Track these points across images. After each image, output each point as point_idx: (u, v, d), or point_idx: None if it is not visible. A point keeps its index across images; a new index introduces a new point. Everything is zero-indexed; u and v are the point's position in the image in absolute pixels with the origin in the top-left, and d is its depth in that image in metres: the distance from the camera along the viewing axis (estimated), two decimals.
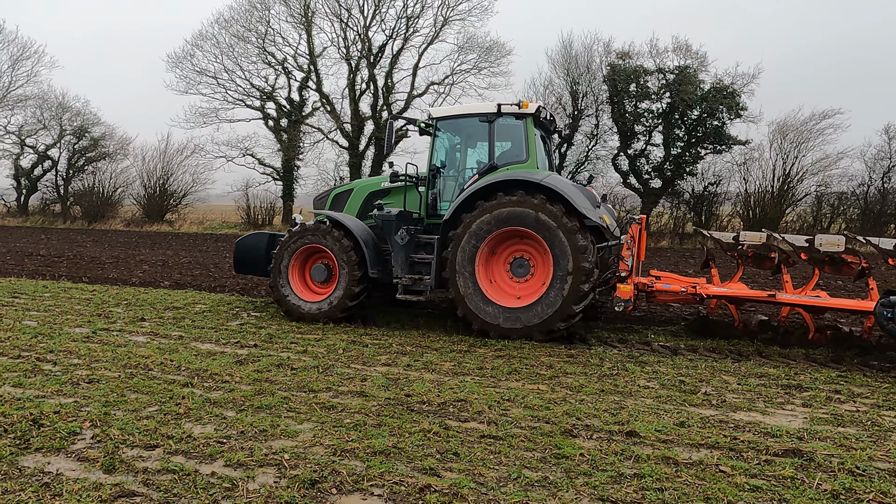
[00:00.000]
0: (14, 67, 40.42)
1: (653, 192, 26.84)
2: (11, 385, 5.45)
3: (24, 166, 38.56)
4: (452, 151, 9.47)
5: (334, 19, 31.64)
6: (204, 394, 5.34)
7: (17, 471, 3.75)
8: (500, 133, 8.85)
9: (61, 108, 37.73)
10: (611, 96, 26.50)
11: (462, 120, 9.22)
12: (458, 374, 6.21)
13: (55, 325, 8.13)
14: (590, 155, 28.05)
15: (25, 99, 39.74)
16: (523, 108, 8.61)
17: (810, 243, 7.51)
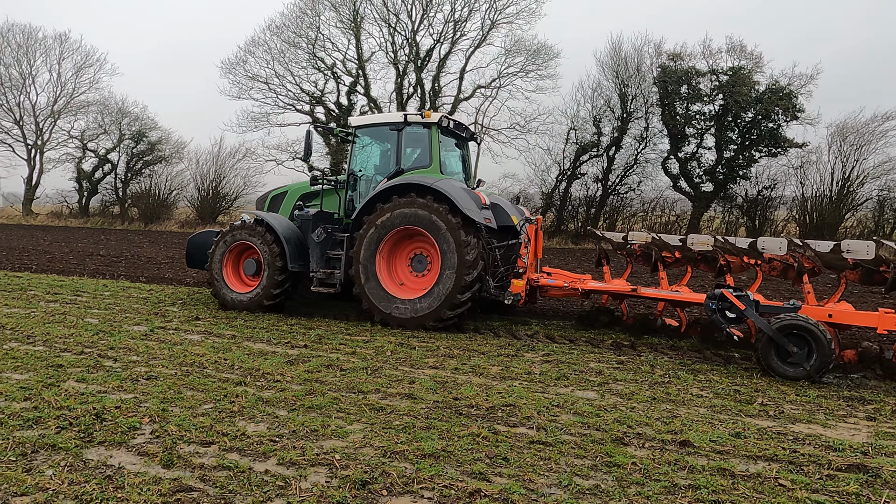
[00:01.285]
0: (78, 75, 42.24)
1: (704, 197, 26.25)
2: (75, 380, 5.66)
3: (86, 169, 40.11)
4: (368, 157, 10.25)
5: (383, 24, 31.99)
6: (257, 392, 5.44)
7: (81, 463, 3.89)
8: (409, 141, 9.60)
9: (121, 113, 39.15)
10: (661, 98, 26.06)
11: (376, 128, 10.02)
12: (506, 379, 6.18)
13: (115, 322, 8.43)
14: (639, 158, 27.66)
15: (88, 105, 41.44)
16: (426, 117, 9.34)
17: (683, 243, 8.34)
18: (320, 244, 9.41)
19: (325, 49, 33.15)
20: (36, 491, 3.49)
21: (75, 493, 3.47)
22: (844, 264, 6.94)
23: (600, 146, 28.02)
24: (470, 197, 8.81)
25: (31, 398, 5.08)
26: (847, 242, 6.59)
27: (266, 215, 9.81)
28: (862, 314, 6.74)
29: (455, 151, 10.42)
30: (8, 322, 8.14)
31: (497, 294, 8.79)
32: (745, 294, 7.06)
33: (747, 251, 7.82)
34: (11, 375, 5.75)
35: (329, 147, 33.50)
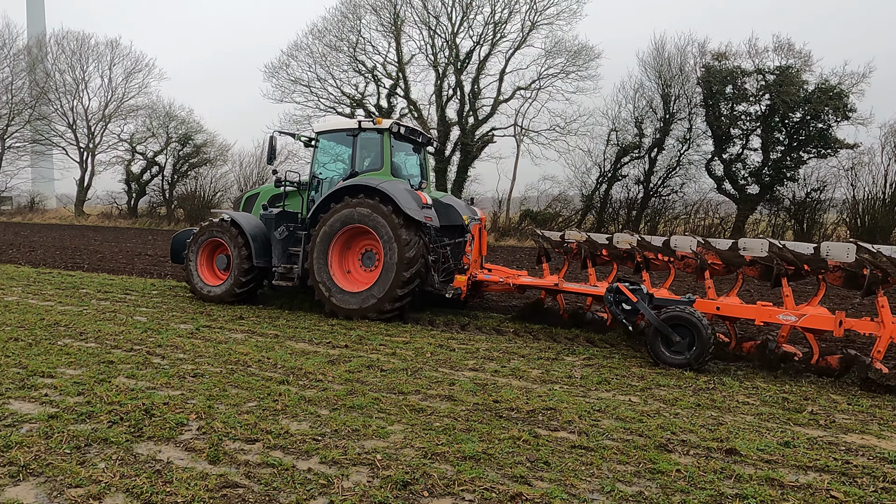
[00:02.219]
0: (127, 80, 43.58)
1: (749, 199, 25.62)
2: (126, 376, 5.83)
3: (135, 172, 41.33)
4: (328, 160, 10.96)
5: (423, 27, 32.15)
6: (299, 391, 5.52)
7: (132, 457, 4.00)
8: (365, 145, 10.23)
9: (168, 117, 40.25)
10: (705, 99, 25.56)
11: (335, 134, 10.66)
12: (547, 382, 6.13)
13: (162, 321, 8.65)
14: (681, 160, 27.15)
15: (137, 109, 42.75)
16: (377, 124, 10.01)
17: (610, 241, 8.88)
18: (282, 241, 10.18)
19: (365, 52, 33.51)
20: (89, 483, 3.60)
21: (126, 486, 3.57)
22: (742, 261, 7.41)
23: (642, 148, 27.63)
24: (412, 197, 9.29)
25: (84, 393, 5.25)
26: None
27: (236, 215, 10.58)
28: (744, 307, 7.16)
29: (412, 156, 11.10)
30: (62, 319, 8.44)
31: (441, 288, 9.37)
32: (640, 288, 7.54)
33: (661, 249, 8.29)
34: (66, 371, 5.96)
35: None
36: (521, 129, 31.75)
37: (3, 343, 6.95)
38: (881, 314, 6.15)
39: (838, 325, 6.32)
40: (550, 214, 29.38)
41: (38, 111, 44.37)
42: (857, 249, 6.26)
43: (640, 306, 7.31)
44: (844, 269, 6.58)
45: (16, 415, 4.69)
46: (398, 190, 9.23)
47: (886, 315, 6.10)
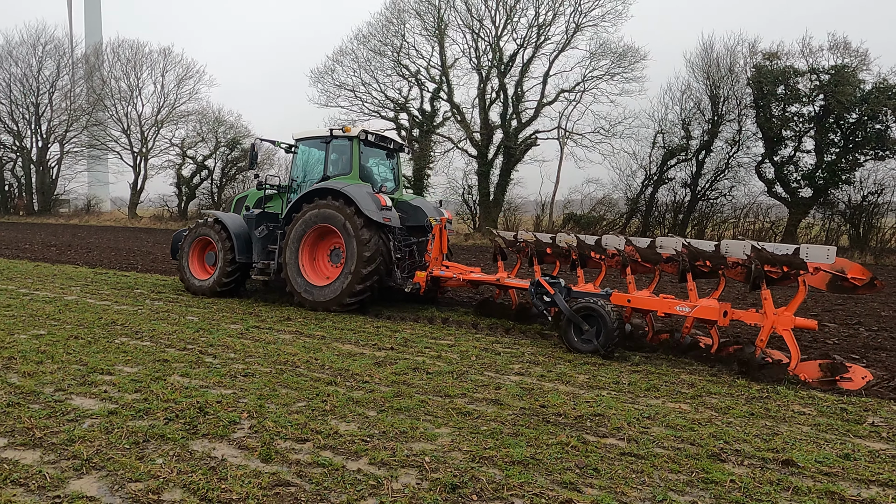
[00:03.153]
0: (179, 86, 44.84)
1: (802, 202, 24.89)
2: (180, 374, 5.99)
3: (185, 175, 42.52)
4: (305, 165, 11.60)
5: (466, 31, 32.22)
6: (347, 392, 5.59)
7: (188, 453, 4.11)
8: (337, 151, 10.99)
9: (217, 122, 41.30)
10: (755, 100, 24.97)
11: (311, 141, 11.37)
12: (594, 388, 6.06)
13: (213, 321, 8.86)
14: (730, 162, 26.56)
15: (188, 114, 43.96)
16: (346, 132, 10.72)
17: (553, 240, 9.49)
18: (262, 239, 11.02)
19: (409, 56, 33.75)
20: (148, 478, 3.71)
21: (184, 482, 3.66)
22: (659, 258, 7.98)
23: (689, 150, 27.14)
24: (372, 200, 9.95)
25: (140, 390, 5.42)
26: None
27: (222, 215, 11.50)
28: (650, 300, 7.72)
29: (385, 161, 11.88)
30: (118, 318, 8.73)
31: (402, 283, 10.08)
32: (558, 281, 8.31)
33: (594, 247, 8.89)
34: (123, 368, 6.15)
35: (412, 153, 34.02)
36: (565, 131, 31.51)
37: (65, 341, 7.23)
38: (764, 306, 6.76)
39: (723, 316, 7.07)
40: (594, 218, 29.09)
41: (95, 117, 46.06)
42: (751, 248, 6.88)
43: (556, 298, 8.00)
44: (743, 265, 7.09)
45: (78, 410, 4.87)
46: (360, 193, 9.92)
47: (769, 307, 6.73)
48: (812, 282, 6.84)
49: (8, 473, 3.70)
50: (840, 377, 6.47)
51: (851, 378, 6.44)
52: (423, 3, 32.37)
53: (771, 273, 6.82)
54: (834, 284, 6.85)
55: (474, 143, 32.59)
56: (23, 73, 48.15)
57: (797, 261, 6.62)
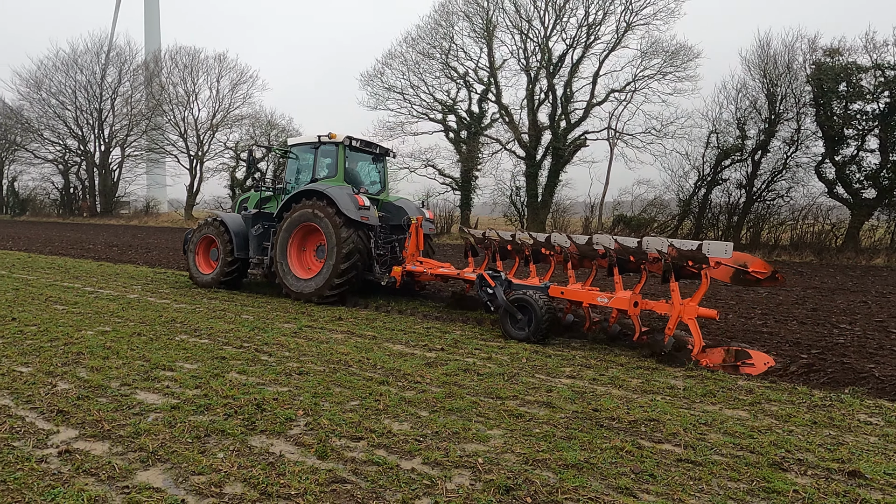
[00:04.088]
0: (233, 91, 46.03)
1: (865, 204, 23.87)
2: (237, 372, 6.16)
3: (239, 178, 43.57)
4: (298, 169, 12.45)
5: (515, 31, 32.14)
6: (399, 392, 5.64)
7: (247, 448, 4.22)
8: (325, 156, 11.86)
9: (269, 125, 42.25)
10: (815, 98, 24.08)
11: (302, 146, 12.25)
12: (648, 392, 5.97)
13: (268, 320, 9.07)
14: (788, 163, 25.67)
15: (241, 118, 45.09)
16: (332, 138, 11.52)
17: (513, 238, 10.19)
18: (257, 237, 12.01)
19: (457, 58, 33.88)
20: (210, 472, 3.83)
21: (244, 476, 3.77)
22: (595, 254, 8.53)
23: (745, 150, 26.37)
24: (351, 200, 10.71)
25: (200, 386, 5.59)
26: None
27: (224, 215, 12.56)
28: (578, 291, 8.31)
29: (372, 165, 12.75)
30: (178, 316, 9.02)
31: (380, 277, 10.90)
32: (499, 275, 9.06)
33: (544, 244, 9.47)
34: (184, 365, 6.36)
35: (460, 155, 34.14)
36: (615, 132, 31.07)
37: (128, 337, 7.51)
38: (672, 297, 7.35)
39: (633, 306, 7.68)
40: (645, 219, 28.58)
41: (154, 122, 47.73)
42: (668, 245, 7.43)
43: (496, 290, 8.79)
44: (659, 260, 7.60)
45: (142, 404, 5.06)
46: (340, 194, 10.75)
47: (676, 298, 7.30)
48: (716, 275, 7.48)
49: (80, 463, 3.87)
50: (742, 362, 7.00)
51: (753, 364, 6.96)
52: (471, 4, 32.45)
53: (692, 269, 7.37)
54: (737, 278, 7.59)
55: (522, 145, 32.46)
56: (87, 81, 50.31)
57: (700, 255, 7.13)
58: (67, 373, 5.90)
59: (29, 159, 56.53)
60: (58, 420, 4.64)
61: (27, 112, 53.23)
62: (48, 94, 51.24)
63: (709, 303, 11.92)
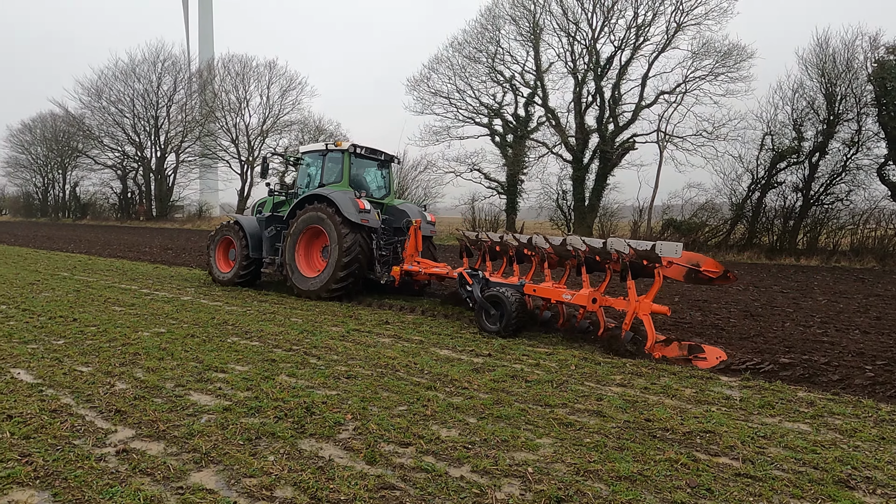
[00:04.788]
0: (283, 97, 46.95)
1: None
2: (287, 374, 6.23)
3: (288, 182, 44.33)
4: (308, 175, 13.22)
5: (562, 34, 31.90)
6: (446, 398, 5.61)
7: (297, 452, 4.25)
8: (331, 163, 12.58)
9: (318, 131, 42.94)
10: (877, 97, 23.12)
11: (312, 154, 13.10)
12: (702, 403, 5.78)
13: (316, 323, 9.17)
14: (848, 165, 24.69)
15: (290, 124, 45.94)
16: (338, 146, 12.37)
17: (502, 238, 10.66)
18: (270, 238, 12.79)
19: (504, 62, 33.82)
20: (261, 474, 3.86)
21: (294, 480, 3.79)
22: (568, 254, 8.90)
23: (801, 152, 25.49)
24: (352, 204, 11.44)
25: (251, 388, 5.67)
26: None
27: (241, 218, 13.46)
28: (547, 289, 8.80)
29: (377, 171, 13.42)
30: (229, 318, 9.20)
31: (380, 276, 11.74)
32: (477, 274, 9.82)
33: (526, 245, 9.89)
34: (235, 367, 6.47)
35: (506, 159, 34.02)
36: (665, 134, 30.48)
37: (182, 339, 7.69)
38: (629, 294, 7.77)
39: (592, 302, 8.14)
40: (696, 224, 27.88)
41: (207, 128, 49.02)
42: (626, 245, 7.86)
43: (473, 288, 9.50)
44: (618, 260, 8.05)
45: (196, 405, 5.16)
46: (342, 198, 11.45)
47: (632, 295, 7.74)
48: (670, 274, 7.95)
49: (136, 463, 3.97)
50: (695, 356, 7.44)
51: (706, 357, 7.39)
52: (518, 8, 32.35)
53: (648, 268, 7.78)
54: (690, 276, 8.08)
55: (569, 148, 32.14)
56: (144, 89, 52.14)
57: (653, 255, 7.53)
58: (125, 373, 6.07)
59: (90, 165, 59.11)
60: (115, 419, 4.77)
61: (88, 120, 55.62)
62: (108, 103, 53.40)
63: (767, 310, 11.56)
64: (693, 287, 15.36)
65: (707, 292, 14.39)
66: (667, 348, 7.73)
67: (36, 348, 7.02)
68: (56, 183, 67.39)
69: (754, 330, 9.50)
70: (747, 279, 17.92)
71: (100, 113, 54.21)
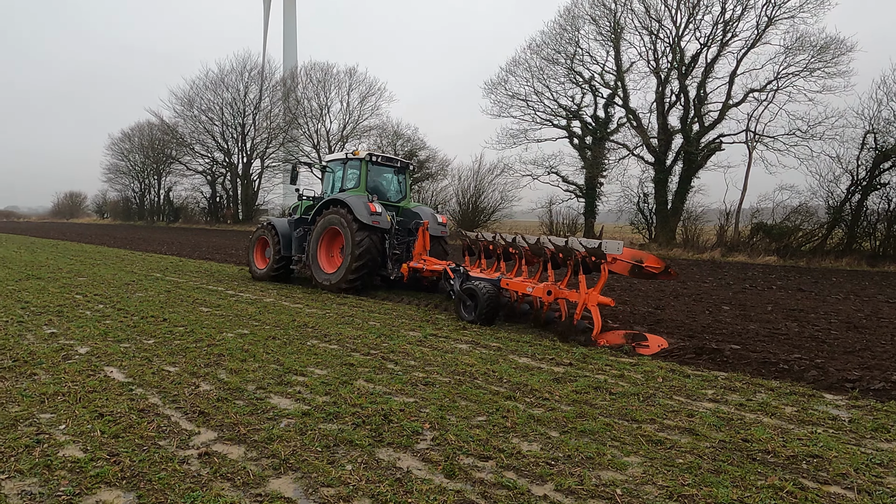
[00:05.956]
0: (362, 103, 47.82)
1: None
2: (364, 380, 6.19)
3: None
4: (332, 181, 14.62)
5: (644, 32, 30.95)
6: (526, 409, 5.41)
7: (374, 461, 4.16)
8: (352, 169, 13.87)
9: (396, 135, 43.41)
10: None
11: (335, 162, 14.50)
12: (806, 423, 5.33)
13: (393, 327, 9.15)
14: None
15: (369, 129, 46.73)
16: (356, 154, 13.56)
17: (493, 238, 11.55)
18: (298, 238, 14.23)
19: (583, 63, 33.15)
20: (339, 484, 3.79)
21: (371, 492, 3.69)
22: (542, 252, 9.79)
23: None
24: (365, 207, 12.50)
25: (330, 393, 5.66)
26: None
27: (275, 220, 15.05)
28: (516, 283, 9.76)
29: (393, 177, 14.56)
30: (309, 321, 9.31)
31: (390, 272, 13.01)
32: (458, 268, 11.01)
33: (511, 244, 10.88)
34: (314, 370, 6.49)
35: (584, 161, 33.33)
36: (754, 134, 29.00)
37: (264, 341, 7.82)
38: (580, 287, 8.62)
39: (547, 294, 9.08)
40: (788, 228, 26.37)
41: (290, 134, 50.59)
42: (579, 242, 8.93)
43: (454, 281, 10.59)
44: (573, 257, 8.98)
45: (276, 409, 5.17)
46: (356, 202, 12.59)
47: (582, 287, 8.60)
48: (616, 269, 8.77)
49: (218, 467, 3.98)
50: (638, 344, 8.02)
51: (648, 345, 7.95)
52: (598, 7, 31.64)
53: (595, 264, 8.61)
54: (634, 271, 8.96)
55: (651, 150, 31.12)
56: (232, 98, 54.38)
57: (599, 252, 8.49)
58: (209, 374, 6.20)
59: (182, 171, 62.41)
60: (199, 421, 4.84)
61: (181, 128, 58.64)
62: (199, 111, 56.09)
63: (872, 322, 10.71)
64: (788, 296, 14.49)
65: (802, 301, 13.51)
66: (611, 336, 8.37)
67: (128, 347, 7.30)
68: (152, 188, 71.36)
69: (860, 343, 8.79)
70: (847, 287, 16.74)
71: (191, 121, 57.11)
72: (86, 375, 5.99)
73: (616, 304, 11.62)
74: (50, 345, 7.25)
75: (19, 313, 9.27)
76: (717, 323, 10.21)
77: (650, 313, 11.06)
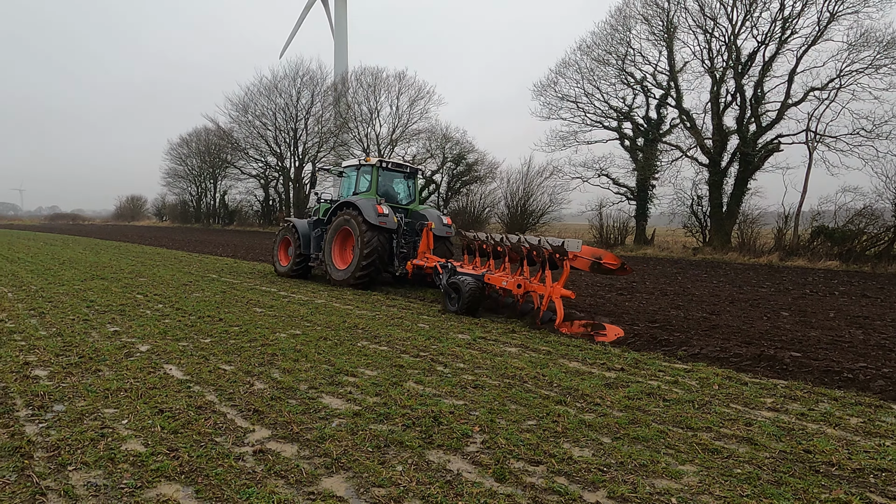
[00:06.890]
0: (411, 107, 48.17)
1: None
2: (414, 381, 6.21)
3: None
4: (347, 186, 15.67)
5: (698, 31, 30.19)
6: (577, 414, 5.33)
7: (425, 463, 4.18)
8: (365, 174, 14.88)
9: (444, 139, 43.59)
10: None
11: (350, 168, 15.64)
12: (872, 435, 5.10)
13: (442, 329, 9.17)
14: None
15: (418, 133, 47.01)
16: (367, 161, 14.70)
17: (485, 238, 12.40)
18: (316, 238, 15.37)
19: (634, 63, 32.61)
20: (390, 485, 3.81)
21: (422, 493, 3.70)
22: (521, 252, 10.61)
23: None
24: (372, 209, 13.49)
25: (380, 394, 5.70)
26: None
27: (296, 221, 16.05)
28: (497, 277, 10.75)
29: (403, 181, 15.58)
30: (359, 322, 9.42)
31: (395, 269, 14.07)
32: (447, 265, 11.91)
33: (499, 243, 11.67)
34: (365, 371, 6.56)
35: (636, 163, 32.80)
36: (815, 134, 27.93)
37: (316, 341, 7.95)
38: (546, 282, 9.56)
39: (517, 287, 10.09)
40: (851, 232, 25.30)
41: (340, 138, 51.31)
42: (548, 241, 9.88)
43: (442, 276, 11.64)
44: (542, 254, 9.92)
45: (327, 408, 5.24)
46: (365, 205, 13.59)
47: (548, 281, 9.55)
48: (578, 265, 9.62)
49: (272, 465, 4.06)
50: (596, 332, 8.65)
51: (606, 334, 8.58)
52: (650, 7, 31.06)
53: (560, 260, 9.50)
54: (594, 267, 9.76)
55: (705, 151, 30.34)
56: (285, 103, 55.55)
57: (561, 249, 9.45)
58: (263, 373, 6.33)
59: (236, 175, 64.04)
60: (254, 419, 4.95)
61: (236, 133, 60.19)
62: (253, 117, 57.46)
63: None
64: (851, 302, 13.92)
65: (867, 308, 12.95)
66: (570, 325, 9.02)
67: (186, 346, 7.52)
68: (208, 191, 73.53)
69: None
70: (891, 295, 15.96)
71: (246, 126, 58.52)
72: (146, 372, 6.20)
73: (669, 309, 11.43)
74: (113, 342, 7.54)
75: (85, 312, 9.67)
76: (776, 329, 9.88)
77: (704, 318, 10.78)
